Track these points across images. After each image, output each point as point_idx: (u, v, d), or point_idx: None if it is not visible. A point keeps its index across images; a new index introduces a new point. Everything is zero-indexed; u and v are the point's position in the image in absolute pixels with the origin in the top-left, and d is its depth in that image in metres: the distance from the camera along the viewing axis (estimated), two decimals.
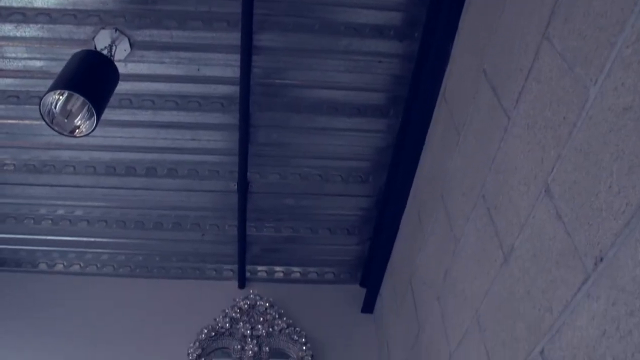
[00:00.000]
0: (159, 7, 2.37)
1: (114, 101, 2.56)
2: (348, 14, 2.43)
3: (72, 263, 3.52)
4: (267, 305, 3.28)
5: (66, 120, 2.21)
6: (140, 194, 3.12)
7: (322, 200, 3.18)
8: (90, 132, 2.22)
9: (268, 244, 3.44)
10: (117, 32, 2.40)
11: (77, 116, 2.22)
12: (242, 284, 3.52)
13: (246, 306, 3.28)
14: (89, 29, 2.40)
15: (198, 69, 2.58)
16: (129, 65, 2.53)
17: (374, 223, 3.25)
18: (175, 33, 2.44)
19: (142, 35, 2.44)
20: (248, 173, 2.95)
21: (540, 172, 1.44)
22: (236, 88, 2.56)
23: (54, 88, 2.09)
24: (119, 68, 2.35)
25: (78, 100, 2.17)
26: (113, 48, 2.40)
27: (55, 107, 2.17)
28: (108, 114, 2.44)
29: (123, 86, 2.49)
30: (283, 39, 2.48)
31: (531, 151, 1.50)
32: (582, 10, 1.28)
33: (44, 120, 2.15)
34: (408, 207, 2.83)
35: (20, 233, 3.31)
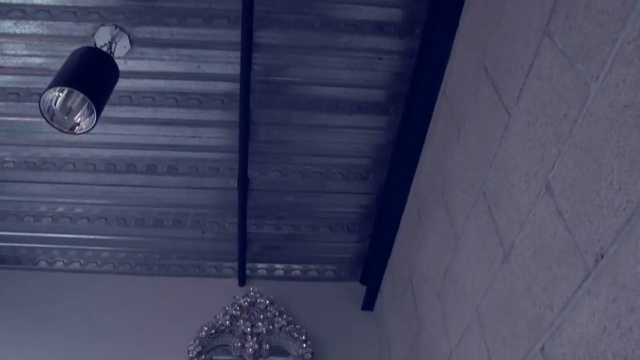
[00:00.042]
0: (159, 4, 2.37)
1: (114, 98, 2.56)
2: (348, 11, 2.43)
3: (72, 260, 3.53)
4: (268, 302, 3.29)
5: (66, 117, 2.21)
6: (140, 192, 3.12)
7: (323, 197, 3.18)
8: (90, 129, 2.22)
9: (268, 242, 3.44)
10: (117, 29, 2.40)
11: (77, 113, 2.21)
12: (243, 282, 3.53)
13: (246, 304, 3.28)
14: (89, 26, 2.40)
15: (198, 66, 2.57)
16: (129, 62, 2.53)
17: (375, 220, 3.25)
18: (175, 30, 2.44)
19: (142, 32, 2.44)
20: (248, 170, 2.95)
21: (540, 169, 1.44)
22: (236, 85, 2.56)
23: (54, 85, 2.09)
24: (119, 65, 2.34)
25: (78, 97, 2.17)
26: (113, 45, 2.39)
27: (55, 104, 2.16)
28: (108, 111, 2.44)
29: (123, 83, 2.49)
30: (283, 36, 2.48)
31: (532, 148, 1.49)
32: (583, 6, 1.27)
33: (44, 117, 2.14)
34: (408, 205, 2.83)
35: (20, 230, 3.32)
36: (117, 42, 2.41)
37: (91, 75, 2.19)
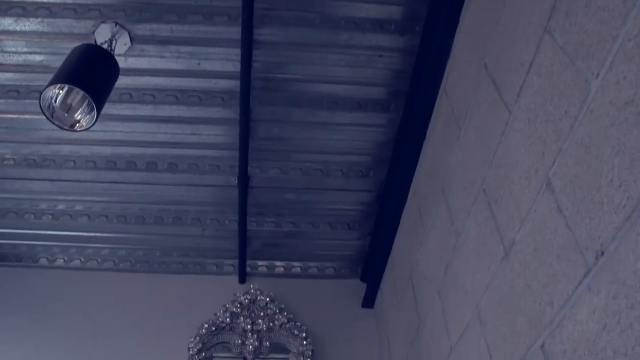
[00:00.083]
0: (159, 1, 2.36)
1: (114, 95, 2.55)
2: (349, 8, 2.42)
3: (73, 258, 3.53)
4: (268, 300, 3.29)
5: (66, 114, 2.20)
6: (140, 189, 3.12)
7: (323, 195, 3.18)
8: (90, 127, 2.22)
9: (268, 239, 3.44)
10: (117, 26, 2.40)
11: (77, 110, 2.21)
12: (243, 279, 3.53)
13: (247, 301, 3.29)
14: (89, 23, 2.40)
15: (198, 63, 2.57)
16: (129, 59, 2.53)
17: (375, 218, 3.25)
18: (175, 27, 2.43)
19: (143, 29, 2.43)
20: (249, 168, 2.95)
21: (541, 166, 1.43)
22: (237, 82, 2.56)
23: (54, 82, 2.09)
24: (119, 62, 2.34)
25: (78, 94, 2.17)
26: (113, 42, 2.39)
27: (55, 102, 2.16)
28: (108, 109, 2.44)
29: (123, 80, 2.49)
30: (284, 33, 2.48)
31: (532, 145, 1.49)
32: (584, 3, 1.27)
33: (44, 114, 2.14)
34: (409, 202, 2.83)
35: (20, 228, 3.32)
36: (118, 40, 2.40)
37: (91, 72, 2.19)
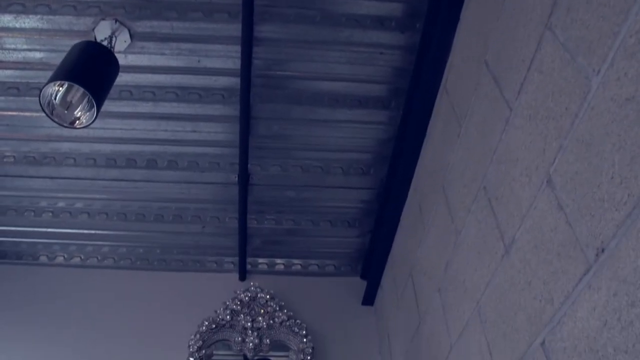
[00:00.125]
0: None
1: (114, 93, 2.55)
2: (349, 5, 2.42)
3: (73, 255, 3.53)
4: (268, 297, 3.29)
5: (66, 111, 2.20)
6: (140, 186, 3.12)
7: (323, 192, 3.18)
8: (90, 124, 2.21)
9: (269, 237, 3.44)
10: (117, 23, 2.39)
11: (77, 107, 2.21)
12: (243, 276, 3.53)
13: (247, 298, 3.29)
14: (89, 20, 2.39)
15: (199, 61, 2.57)
16: (129, 56, 2.52)
17: (375, 215, 3.25)
18: (175, 24, 2.43)
19: (143, 26, 2.43)
20: (249, 165, 2.95)
21: (541, 163, 1.43)
22: (237, 80, 2.55)
23: (54, 79, 2.08)
24: (119, 59, 2.34)
25: (78, 91, 2.16)
26: (113, 39, 2.38)
27: (55, 99, 2.16)
28: (108, 106, 2.44)
29: (123, 77, 2.49)
30: (284, 31, 2.47)
31: (533, 142, 1.49)
32: None
33: (44, 111, 2.14)
34: (409, 199, 2.83)
35: (20, 225, 3.32)
36: (117, 37, 2.40)
37: (91, 69, 2.18)
